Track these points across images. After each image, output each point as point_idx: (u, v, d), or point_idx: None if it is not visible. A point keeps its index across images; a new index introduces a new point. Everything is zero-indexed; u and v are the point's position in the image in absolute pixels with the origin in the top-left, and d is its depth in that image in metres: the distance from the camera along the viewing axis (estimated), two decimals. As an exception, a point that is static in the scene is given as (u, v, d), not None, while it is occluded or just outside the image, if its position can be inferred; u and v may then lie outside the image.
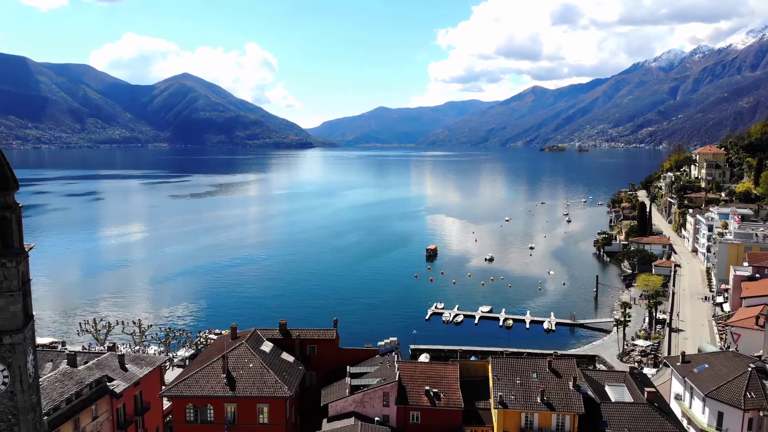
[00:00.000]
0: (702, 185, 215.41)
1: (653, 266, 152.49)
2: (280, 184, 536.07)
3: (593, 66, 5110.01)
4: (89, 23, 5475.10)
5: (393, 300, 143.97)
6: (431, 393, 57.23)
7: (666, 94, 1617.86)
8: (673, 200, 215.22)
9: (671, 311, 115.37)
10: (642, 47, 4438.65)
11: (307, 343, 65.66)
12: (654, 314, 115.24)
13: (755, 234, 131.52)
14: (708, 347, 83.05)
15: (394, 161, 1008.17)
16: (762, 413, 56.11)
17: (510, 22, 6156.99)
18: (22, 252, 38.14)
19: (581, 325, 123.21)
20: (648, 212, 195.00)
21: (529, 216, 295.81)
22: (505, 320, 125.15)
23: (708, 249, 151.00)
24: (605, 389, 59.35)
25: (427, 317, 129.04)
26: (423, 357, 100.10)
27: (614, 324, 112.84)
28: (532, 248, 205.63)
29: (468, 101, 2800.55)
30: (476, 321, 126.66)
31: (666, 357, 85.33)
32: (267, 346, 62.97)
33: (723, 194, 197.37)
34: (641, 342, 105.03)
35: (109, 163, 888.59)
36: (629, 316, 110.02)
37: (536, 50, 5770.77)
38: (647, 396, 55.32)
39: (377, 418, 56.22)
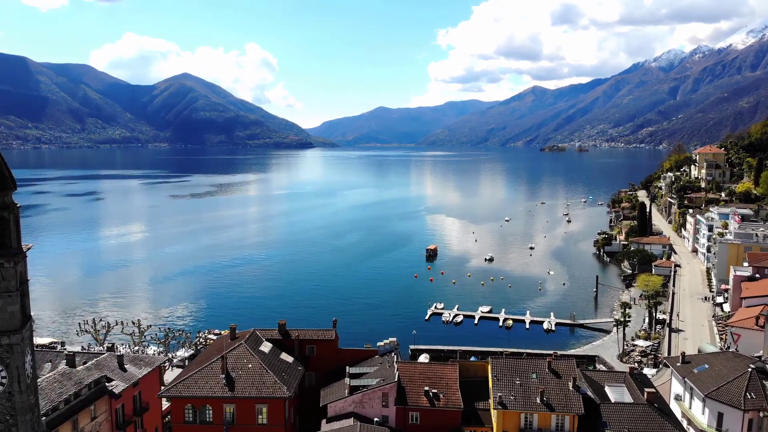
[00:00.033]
0: (702, 185, 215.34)
1: (653, 266, 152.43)
2: (280, 184, 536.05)
3: (593, 66, 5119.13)
4: (89, 23, 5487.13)
5: (393, 300, 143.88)
6: (430, 393, 57.17)
7: (666, 94, 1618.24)
8: (673, 200, 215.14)
9: (671, 311, 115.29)
10: (642, 47, 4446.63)
11: (307, 344, 65.59)
12: (654, 314, 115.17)
13: (755, 234, 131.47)
14: (708, 347, 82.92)
15: (394, 161, 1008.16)
16: (762, 414, 56.02)
17: (510, 22, 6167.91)
18: (20, 252, 38.06)
19: (581, 326, 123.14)
20: (648, 212, 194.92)
21: (529, 216, 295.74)
22: (505, 320, 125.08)
23: (708, 249, 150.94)
24: (605, 390, 59.26)
25: (427, 317, 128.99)
26: (423, 357, 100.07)
27: (614, 324, 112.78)
28: (532, 248, 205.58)
29: (468, 101, 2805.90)
30: (476, 321, 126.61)
31: (666, 357, 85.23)
32: (266, 347, 62.89)
33: (723, 194, 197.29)
34: (641, 342, 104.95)
35: (109, 163, 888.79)
36: (629, 317, 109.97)
37: (536, 50, 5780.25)
38: (647, 396, 55.24)
39: (376, 419, 56.13)
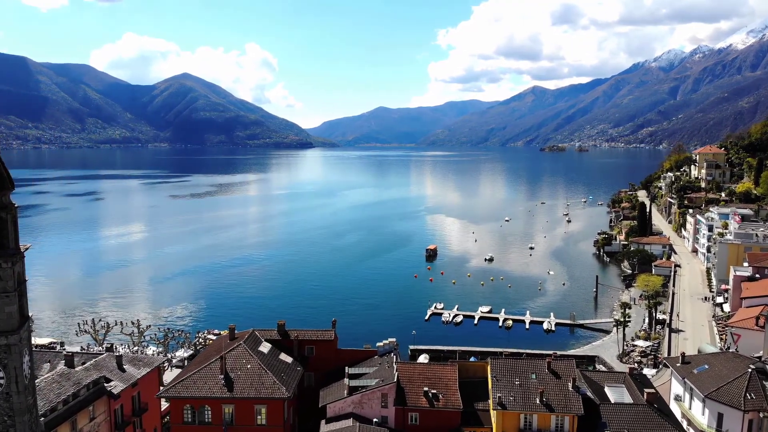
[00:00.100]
0: (702, 185, 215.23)
1: (653, 266, 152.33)
2: (280, 184, 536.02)
3: (593, 66, 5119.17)
4: (89, 23, 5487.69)
5: (392, 300, 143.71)
6: (430, 394, 57.05)
7: (666, 94, 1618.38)
8: (673, 200, 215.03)
9: (671, 312, 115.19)
10: (642, 47, 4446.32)
11: (306, 344, 65.46)
12: (654, 315, 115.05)
13: (755, 234, 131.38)
14: (708, 348, 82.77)
15: (394, 161, 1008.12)
16: (762, 414, 55.89)
17: (510, 22, 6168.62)
18: (18, 252, 37.98)
19: (581, 326, 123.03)
20: (648, 212, 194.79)
21: (529, 216, 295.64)
22: (505, 320, 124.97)
23: (708, 249, 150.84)
24: (605, 390, 59.14)
25: (427, 317, 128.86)
26: (422, 357, 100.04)
27: (614, 324, 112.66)
28: (532, 248, 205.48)
29: (468, 101, 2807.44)
30: (476, 321, 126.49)
31: (666, 358, 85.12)
32: (265, 347, 62.77)
33: (723, 194, 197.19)
34: (641, 342, 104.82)
35: (109, 163, 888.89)
36: (629, 317, 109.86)
37: (536, 50, 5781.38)
38: (647, 397, 55.12)
39: (376, 420, 56.01)
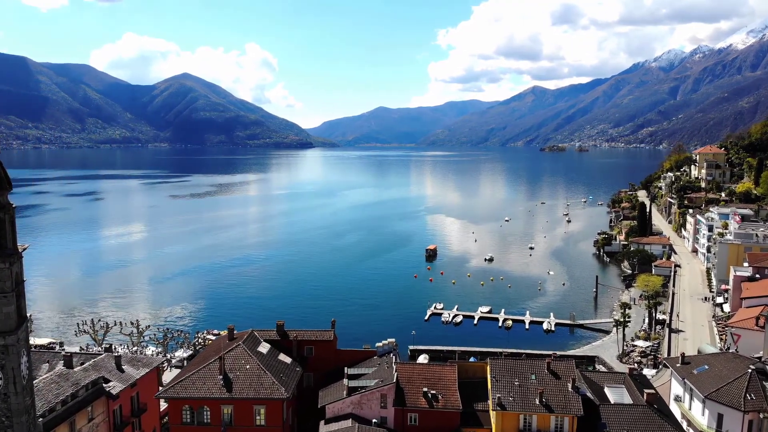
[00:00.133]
0: (702, 185, 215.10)
1: (653, 266, 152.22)
2: (280, 184, 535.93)
3: (593, 66, 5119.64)
4: (89, 23, 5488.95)
5: (392, 300, 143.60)
6: (429, 394, 56.90)
7: (666, 94, 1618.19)
8: (673, 200, 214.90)
9: (671, 312, 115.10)
10: (642, 47, 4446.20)
11: (305, 344, 65.31)
12: (654, 315, 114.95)
13: (755, 234, 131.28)
14: (708, 348, 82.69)
15: (394, 161, 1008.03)
16: (762, 415, 55.78)
17: (510, 22, 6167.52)
18: (16, 253, 37.87)
19: (581, 326, 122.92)
20: (648, 212, 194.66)
21: (529, 216, 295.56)
22: (505, 321, 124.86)
23: (708, 249, 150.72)
24: (604, 391, 59.03)
25: (427, 318, 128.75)
26: (422, 358, 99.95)
27: (614, 325, 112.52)
28: (532, 248, 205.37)
29: (468, 101, 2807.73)
30: (475, 321, 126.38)
31: (666, 358, 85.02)
32: (264, 347, 62.64)
33: (723, 194, 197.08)
34: (641, 343, 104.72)
35: (109, 163, 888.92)
36: (629, 317, 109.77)
37: (536, 50, 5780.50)
38: (646, 397, 54.96)
39: (375, 420, 55.86)
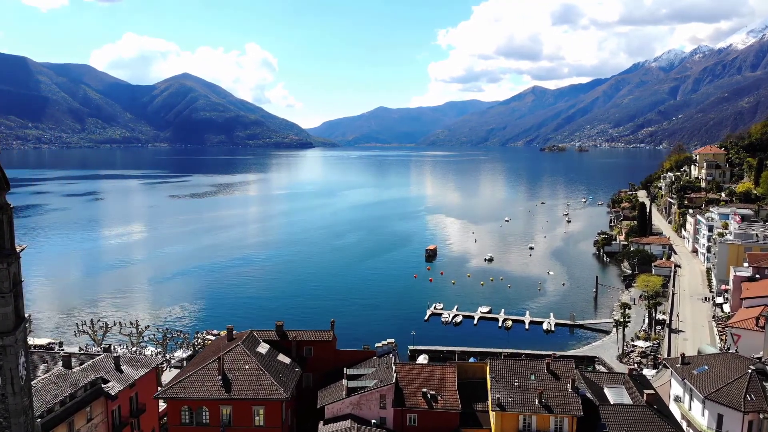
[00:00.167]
0: (702, 185, 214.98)
1: (653, 267, 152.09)
2: (280, 184, 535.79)
3: (593, 66, 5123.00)
4: (89, 23, 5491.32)
5: (392, 300, 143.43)
6: (428, 395, 56.82)
7: (666, 94, 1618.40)
8: (673, 200, 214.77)
9: (671, 312, 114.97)
10: (642, 47, 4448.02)
11: (304, 345, 65.24)
12: (654, 315, 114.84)
13: (755, 234, 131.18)
14: (708, 348, 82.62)
15: (394, 161, 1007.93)
16: (762, 416, 55.69)
17: (510, 22, 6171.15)
18: (14, 253, 37.76)
19: (581, 326, 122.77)
20: (648, 212, 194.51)
21: (529, 216, 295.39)
22: (504, 321, 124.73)
23: (708, 249, 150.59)
24: (604, 391, 58.96)
25: (426, 318, 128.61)
26: (421, 358, 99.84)
27: (614, 325, 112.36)
28: (532, 248, 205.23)
29: (468, 101, 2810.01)
30: (475, 322, 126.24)
31: (665, 358, 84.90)
32: (263, 348, 62.55)
33: (723, 194, 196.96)
34: (641, 343, 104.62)
35: (109, 163, 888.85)
36: (629, 317, 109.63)
37: (536, 50, 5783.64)
38: (646, 398, 54.89)
39: (374, 421, 55.79)
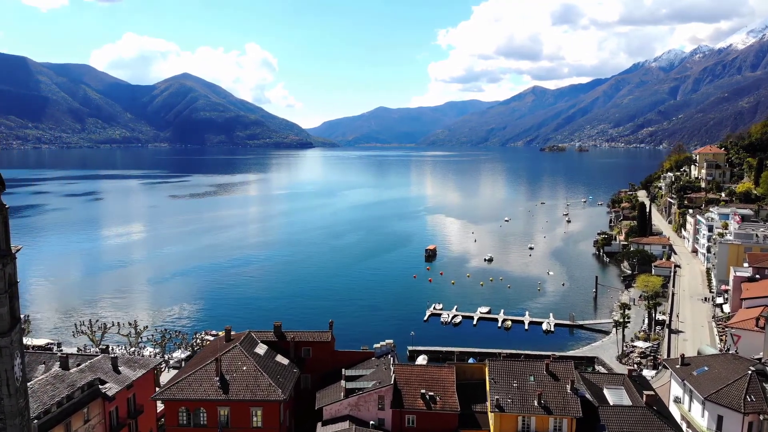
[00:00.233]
0: (702, 185, 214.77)
1: (653, 267, 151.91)
2: (280, 184, 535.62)
3: (593, 66, 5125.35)
4: (89, 23, 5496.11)
5: (391, 301, 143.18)
6: (427, 396, 56.59)
7: (666, 94, 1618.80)
8: (673, 200, 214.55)
9: (671, 312, 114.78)
10: (642, 47, 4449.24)
11: (302, 346, 64.97)
12: (653, 315, 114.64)
13: (755, 234, 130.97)
14: (707, 349, 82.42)
15: (394, 161, 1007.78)
16: (762, 417, 55.47)
17: (510, 22, 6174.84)
18: (9, 254, 37.48)
19: (580, 326, 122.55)
20: (648, 212, 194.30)
21: (529, 216, 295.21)
22: (504, 321, 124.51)
23: (708, 249, 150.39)
24: (603, 392, 58.72)
25: (426, 318, 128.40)
26: (421, 358, 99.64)
27: (613, 325, 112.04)
28: (532, 248, 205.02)
29: (468, 101, 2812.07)
30: (475, 322, 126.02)
31: (665, 359, 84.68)
32: (261, 349, 62.30)
33: (723, 194, 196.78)
34: (640, 343, 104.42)
35: (109, 163, 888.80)
36: (628, 318, 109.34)
37: (536, 50, 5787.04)
38: (646, 399, 54.66)
39: (372, 422, 55.58)
